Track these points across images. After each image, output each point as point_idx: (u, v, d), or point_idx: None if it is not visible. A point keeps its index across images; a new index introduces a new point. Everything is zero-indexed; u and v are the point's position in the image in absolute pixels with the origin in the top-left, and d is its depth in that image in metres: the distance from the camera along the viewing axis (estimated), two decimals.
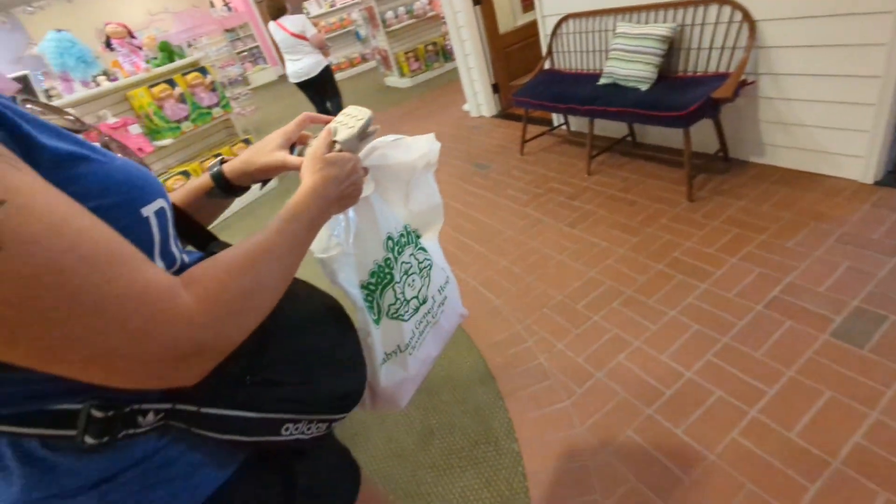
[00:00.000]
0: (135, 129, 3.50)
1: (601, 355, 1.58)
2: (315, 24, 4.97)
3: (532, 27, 3.05)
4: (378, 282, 0.71)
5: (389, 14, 5.92)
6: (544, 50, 3.04)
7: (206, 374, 0.38)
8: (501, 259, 2.23)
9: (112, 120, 3.42)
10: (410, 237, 0.77)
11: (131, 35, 3.58)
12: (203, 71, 3.73)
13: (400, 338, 0.74)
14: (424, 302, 0.78)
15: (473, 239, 2.45)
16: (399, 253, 0.74)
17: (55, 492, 0.38)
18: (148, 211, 0.40)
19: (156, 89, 3.45)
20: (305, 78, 4.24)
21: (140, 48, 3.61)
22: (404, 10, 5.99)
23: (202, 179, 0.63)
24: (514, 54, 3.91)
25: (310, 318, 0.56)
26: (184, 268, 0.43)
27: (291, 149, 0.64)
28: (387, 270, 0.72)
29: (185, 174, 3.61)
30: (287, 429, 0.46)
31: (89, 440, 0.36)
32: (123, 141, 3.40)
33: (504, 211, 2.61)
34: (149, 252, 0.39)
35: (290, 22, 4.12)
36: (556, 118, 3.28)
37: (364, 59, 8.29)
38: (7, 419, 0.35)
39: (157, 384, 0.35)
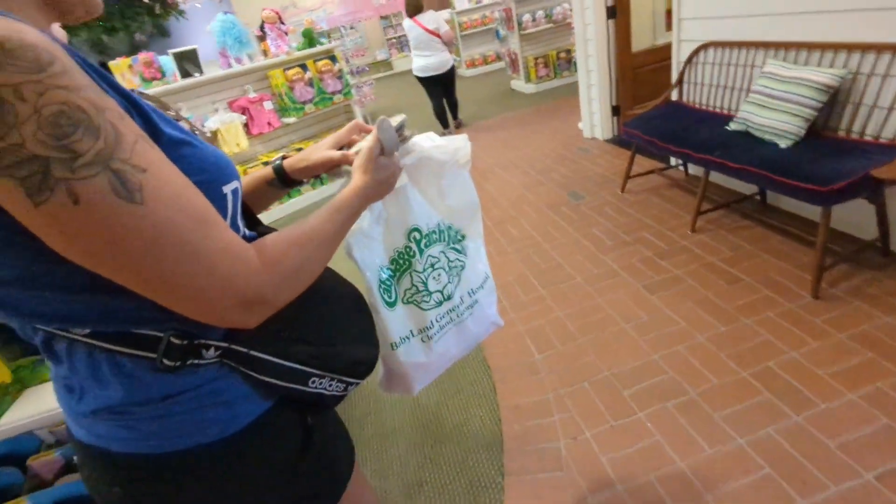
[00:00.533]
0: (268, 104, 3.88)
1: (632, 464, 1.32)
2: (449, 22, 5.15)
3: (670, 49, 2.68)
4: (397, 268, 0.78)
5: (527, 17, 5.72)
6: (674, 77, 2.65)
7: (259, 323, 0.46)
8: (559, 308, 2.00)
9: (252, 94, 3.82)
10: (444, 234, 0.82)
11: (281, 21, 3.93)
12: (333, 59, 3.97)
13: (417, 323, 0.80)
14: (449, 298, 0.83)
15: (538, 277, 2.25)
16: (426, 245, 0.79)
17: (135, 399, 0.48)
18: (227, 189, 0.50)
19: (290, 72, 3.76)
20: (434, 73, 4.45)
21: (286, 33, 3.96)
22: (543, 13, 5.74)
23: (265, 171, 0.74)
24: (644, 77, 3.50)
25: (334, 295, 0.65)
26: (245, 240, 0.49)
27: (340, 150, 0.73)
28: (406, 258, 0.78)
29: (299, 150, 3.90)
30: (314, 381, 0.56)
31: (166, 362, 0.46)
32: (257, 115, 3.79)
33: (582, 253, 2.35)
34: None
35: (427, 19, 4.40)
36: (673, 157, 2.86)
37: (499, 57, 8.20)
38: (107, 337, 0.45)
39: (226, 322, 0.44)
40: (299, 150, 3.92)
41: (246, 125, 3.80)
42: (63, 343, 0.46)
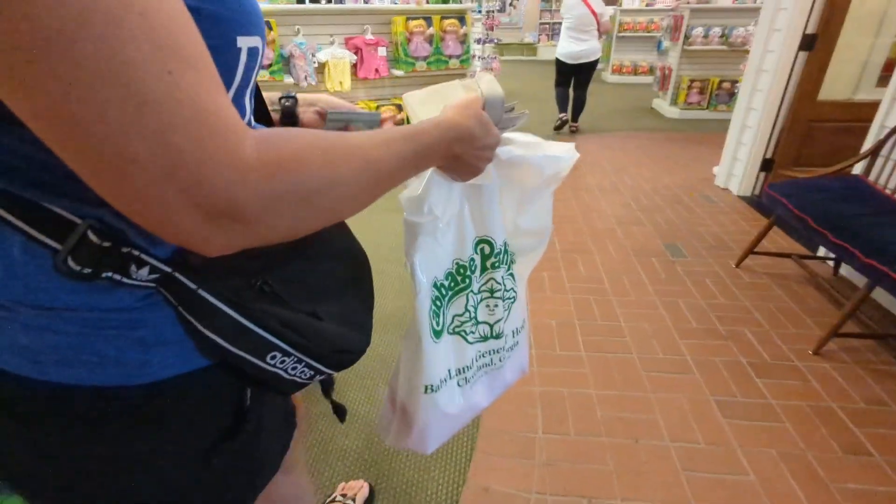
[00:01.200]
0: (382, 51, 3.70)
1: None
2: (610, 17, 4.79)
3: (872, 109, 1.98)
4: (452, 285, 0.63)
5: (698, 31, 4.91)
6: (866, 146, 1.96)
7: (221, 253, 0.30)
8: (594, 383, 1.56)
9: (370, 36, 3.67)
10: (506, 257, 0.67)
11: None
12: (462, 20, 3.66)
13: (458, 360, 0.66)
14: (497, 337, 0.69)
15: (586, 333, 1.81)
16: (492, 267, 0.65)
17: (14, 293, 0.33)
18: (243, 42, 0.34)
19: (412, 23, 3.53)
20: (583, 61, 4.15)
21: None
22: (719, 31, 4.89)
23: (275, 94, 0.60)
24: (822, 135, 2.73)
25: (341, 255, 0.52)
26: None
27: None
28: (466, 275, 0.63)
29: (399, 108, 3.70)
30: (274, 357, 0.40)
31: (71, 264, 0.31)
32: (368, 58, 3.63)
33: (653, 325, 1.85)
34: (226, 87, 0.30)
35: (595, 1, 4.10)
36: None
37: (651, 70, 7.33)
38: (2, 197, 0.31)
39: (173, 232, 0.28)
40: (398, 106, 3.72)
41: (355, 66, 3.67)
42: None
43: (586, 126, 4.97)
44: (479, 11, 5.50)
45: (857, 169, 1.99)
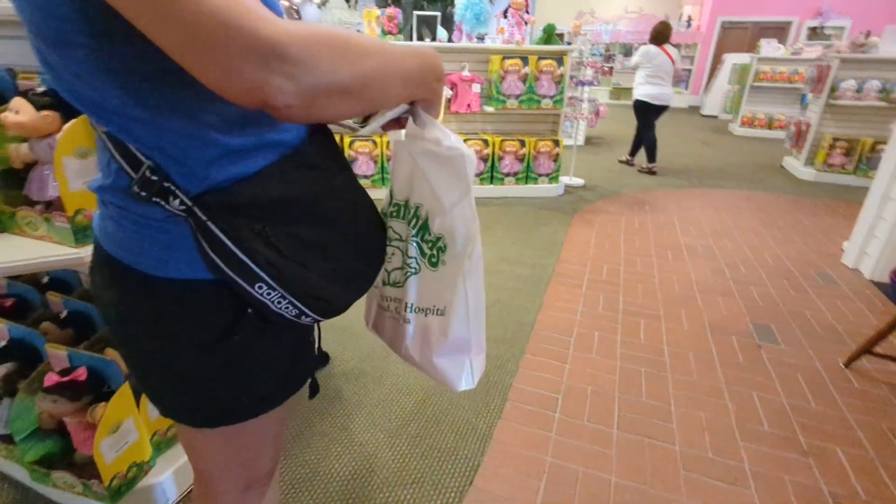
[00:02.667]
0: (476, 87, 3.79)
1: None
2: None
3: None
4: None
5: (849, 83, 4.24)
6: None
7: (291, 105, 0.39)
8: (619, 470, 1.33)
9: (466, 73, 3.79)
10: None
11: (527, 10, 3.74)
12: (560, 62, 3.61)
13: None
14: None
15: (625, 409, 1.57)
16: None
17: (114, 200, 0.51)
18: None
19: (508, 62, 3.57)
20: (664, 103, 4.57)
21: (526, 23, 3.76)
22: (878, 85, 4.17)
23: None
24: None
25: (349, 235, 0.56)
26: None
27: (365, 120, 0.59)
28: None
29: (485, 142, 3.73)
30: (261, 287, 0.49)
31: (136, 189, 0.46)
32: (462, 94, 3.75)
33: (710, 420, 1.54)
34: None
35: (671, 49, 4.53)
36: None
37: (789, 125, 6.51)
38: (109, 135, 0.46)
39: (237, 80, 0.36)
40: (484, 141, 3.75)
41: (449, 101, 3.80)
42: None
43: (692, 180, 4.54)
44: (598, 54, 5.38)
45: None
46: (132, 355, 0.58)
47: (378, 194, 4.30)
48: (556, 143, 3.81)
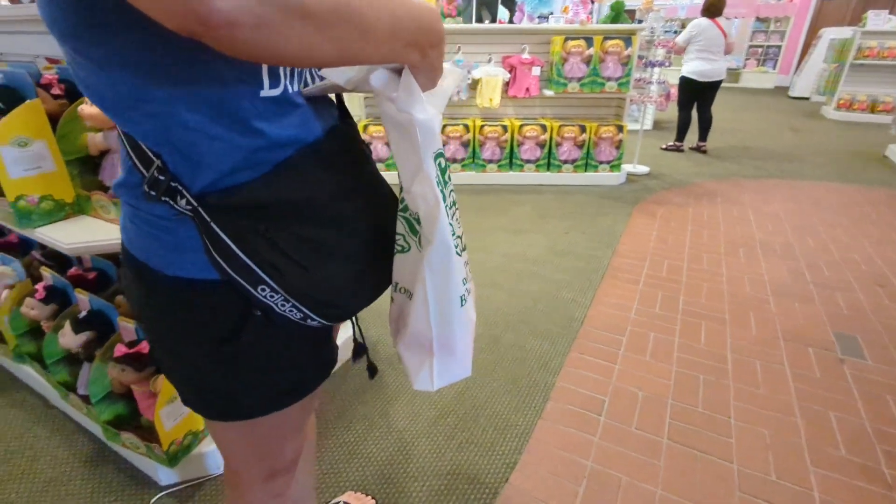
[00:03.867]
0: (536, 70, 3.65)
1: None
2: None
3: None
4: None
5: None
6: None
7: (241, 17, 0.31)
8: (667, 478, 1.26)
9: (526, 56, 3.65)
10: (448, 172, 0.60)
11: None
12: (628, 42, 3.37)
13: (463, 270, 0.60)
14: (465, 249, 0.63)
15: (680, 418, 1.47)
16: (448, 179, 0.58)
17: (126, 199, 0.53)
18: None
19: (570, 43, 3.39)
20: (715, 79, 4.36)
21: (592, 1, 3.54)
22: None
23: None
24: None
25: (359, 235, 0.54)
26: None
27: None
28: (442, 184, 0.55)
29: (543, 128, 3.60)
30: (263, 290, 0.48)
31: (147, 189, 0.46)
32: (520, 77, 3.63)
33: (775, 438, 1.40)
34: None
35: (724, 23, 4.31)
36: None
37: None
38: (125, 134, 0.47)
39: (185, 17, 0.31)
40: (542, 126, 3.62)
41: (507, 84, 3.69)
42: None
43: (773, 169, 4.12)
44: (672, 32, 4.98)
45: None
46: (154, 347, 0.61)
47: (394, 178, 4.40)
48: (620, 128, 3.60)
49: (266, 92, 0.45)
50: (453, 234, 0.60)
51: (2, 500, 1.20)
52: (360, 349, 0.71)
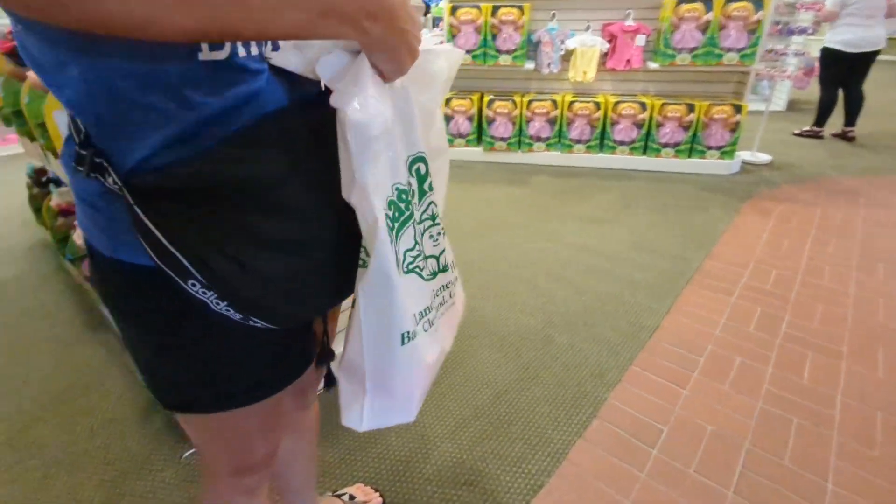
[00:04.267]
0: (640, 40, 3.23)
1: None
2: None
3: None
4: (397, 215, 0.50)
5: None
6: None
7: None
8: None
9: (630, 23, 3.24)
10: (429, 181, 0.55)
11: None
12: (758, 4, 2.81)
13: (420, 302, 0.55)
14: (445, 270, 0.60)
15: (747, 487, 1.21)
16: (429, 189, 0.55)
17: (67, 171, 0.49)
18: None
19: (684, 7, 2.92)
20: (869, 49, 3.57)
21: None
22: None
23: None
24: None
25: (314, 231, 0.47)
26: None
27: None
28: (408, 201, 0.51)
29: (642, 105, 3.20)
30: (194, 286, 0.42)
31: (73, 162, 0.43)
32: (621, 47, 3.25)
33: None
34: None
35: None
36: None
37: None
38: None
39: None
40: (641, 104, 3.21)
41: (605, 55, 3.32)
42: None
43: None
44: None
45: None
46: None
47: (514, 157, 4.01)
48: (738, 108, 3.07)
49: (206, 55, 0.38)
50: (405, 259, 0.51)
51: (68, 429, 1.36)
52: (328, 355, 0.63)
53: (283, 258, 0.44)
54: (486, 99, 3.46)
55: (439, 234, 0.58)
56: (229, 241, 0.41)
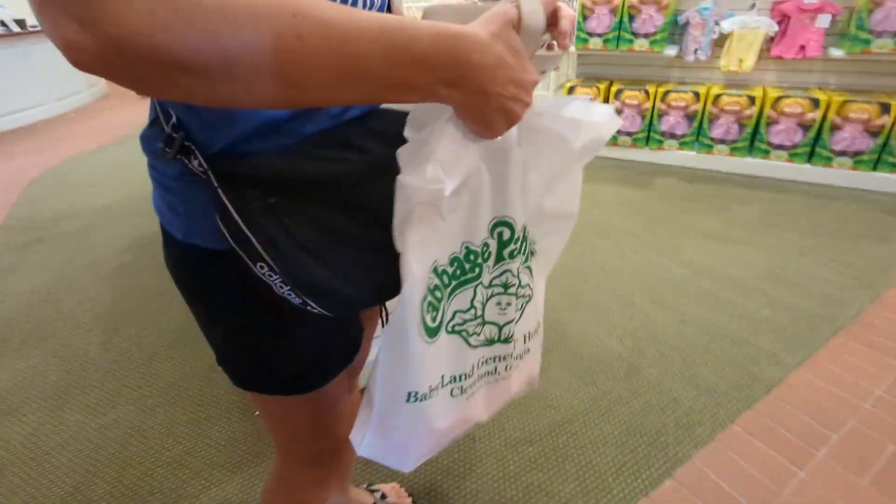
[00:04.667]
0: (823, 21, 2.61)
1: None
2: None
3: None
4: (458, 273, 0.50)
5: None
6: None
7: (98, 64, 0.28)
8: None
9: (813, 0, 2.62)
10: (524, 245, 0.55)
11: None
12: None
13: (454, 366, 0.55)
14: (506, 341, 0.58)
15: None
16: (509, 256, 0.53)
17: (147, 153, 0.51)
18: None
19: None
20: None
21: None
22: None
23: None
24: None
25: (381, 227, 0.47)
26: None
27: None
28: (477, 262, 0.51)
29: (814, 102, 2.61)
30: (262, 268, 0.44)
31: (161, 144, 0.45)
32: (794, 31, 2.71)
33: None
34: None
35: None
36: None
37: None
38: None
39: (46, 23, 0.27)
40: (814, 101, 2.60)
41: (770, 40, 2.75)
42: None
43: None
44: None
45: None
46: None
47: (638, 155, 3.63)
48: None
49: None
50: (452, 319, 0.52)
51: (180, 368, 1.58)
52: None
53: (350, 252, 0.47)
54: (613, 88, 3.13)
55: (509, 303, 0.55)
56: (303, 231, 0.44)
